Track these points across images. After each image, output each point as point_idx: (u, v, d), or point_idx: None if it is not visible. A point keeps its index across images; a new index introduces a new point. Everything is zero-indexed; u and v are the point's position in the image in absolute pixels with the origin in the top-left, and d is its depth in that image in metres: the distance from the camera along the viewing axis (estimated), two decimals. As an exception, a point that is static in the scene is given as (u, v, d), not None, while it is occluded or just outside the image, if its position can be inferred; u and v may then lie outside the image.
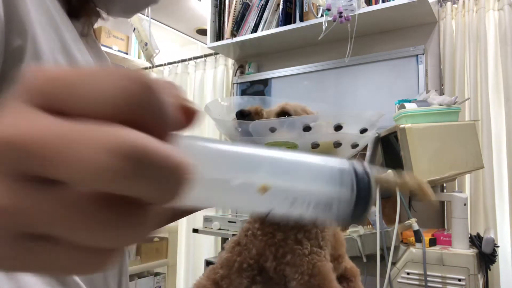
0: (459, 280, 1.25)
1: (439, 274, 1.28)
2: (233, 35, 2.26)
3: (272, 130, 0.58)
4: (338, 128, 0.59)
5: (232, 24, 2.27)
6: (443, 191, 1.67)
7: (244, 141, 0.63)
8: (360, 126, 0.62)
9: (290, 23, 2.06)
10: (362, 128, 0.62)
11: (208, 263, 2.15)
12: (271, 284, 0.67)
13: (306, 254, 0.62)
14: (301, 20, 2.00)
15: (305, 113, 0.67)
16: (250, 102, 0.75)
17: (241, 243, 0.67)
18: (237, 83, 2.47)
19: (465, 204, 1.37)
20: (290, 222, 0.65)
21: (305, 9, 2.00)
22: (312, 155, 0.23)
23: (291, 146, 0.60)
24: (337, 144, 0.60)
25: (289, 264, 0.62)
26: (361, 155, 1.74)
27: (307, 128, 0.58)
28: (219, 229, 2.08)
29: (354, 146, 0.63)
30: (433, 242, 1.38)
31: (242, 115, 0.61)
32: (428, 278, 1.27)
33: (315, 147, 0.60)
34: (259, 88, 2.38)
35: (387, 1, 1.77)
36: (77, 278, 0.43)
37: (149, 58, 2.28)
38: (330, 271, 0.62)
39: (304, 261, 0.61)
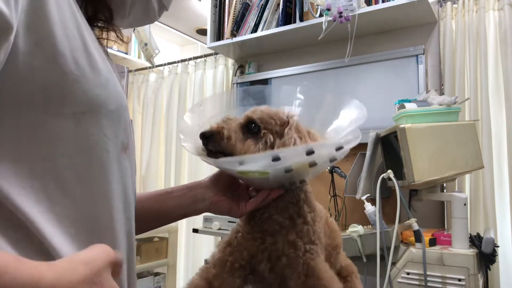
0: (459, 280, 1.25)
1: (439, 274, 1.28)
2: (233, 35, 2.26)
3: (241, 163, 0.57)
4: (309, 153, 0.55)
5: (232, 24, 2.27)
6: (443, 191, 1.67)
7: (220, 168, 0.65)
8: (335, 146, 0.59)
9: (290, 23, 2.06)
10: (338, 146, 0.58)
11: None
12: (264, 284, 0.68)
13: (300, 255, 0.62)
14: (301, 20, 2.00)
15: (272, 120, 0.63)
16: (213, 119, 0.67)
17: (232, 244, 0.68)
18: (237, 83, 2.47)
19: (465, 204, 1.37)
20: (277, 226, 0.65)
21: (305, 9, 2.00)
22: None
23: (264, 173, 0.58)
24: (313, 164, 0.58)
25: (285, 265, 0.63)
26: (361, 155, 1.74)
27: (276, 159, 0.55)
28: (219, 229, 2.08)
29: (332, 160, 0.60)
30: (433, 242, 1.38)
31: (205, 137, 0.61)
32: (428, 278, 1.27)
33: (288, 172, 0.58)
34: (259, 88, 2.37)
35: (387, 1, 1.77)
36: None
37: (148, 58, 2.27)
38: (323, 268, 0.63)
39: (299, 262, 0.62)
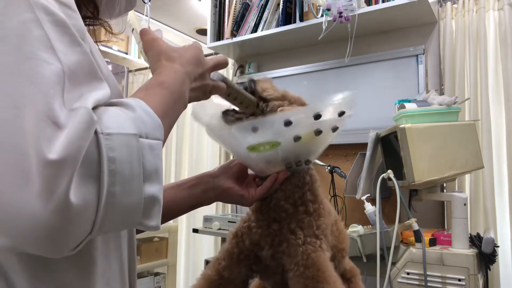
0: (459, 280, 1.25)
1: (439, 274, 1.28)
2: (233, 35, 2.26)
3: (254, 130, 0.59)
4: (317, 117, 0.60)
5: (232, 24, 2.26)
6: (443, 191, 1.67)
7: (231, 144, 0.66)
8: (338, 110, 0.64)
9: (290, 23, 2.06)
10: (340, 111, 0.63)
11: (208, 263, 2.14)
12: (267, 273, 0.70)
13: (300, 244, 0.63)
14: (301, 20, 2.00)
15: (272, 86, 0.70)
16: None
17: (238, 235, 0.71)
18: (237, 83, 2.47)
19: (465, 204, 1.37)
20: (284, 213, 0.66)
21: (305, 9, 2.00)
22: None
23: (275, 145, 0.60)
24: (318, 132, 0.61)
25: (285, 253, 0.64)
26: (361, 155, 1.74)
27: (288, 123, 0.58)
28: (219, 229, 2.08)
29: (334, 129, 0.65)
30: (433, 242, 1.38)
31: (227, 113, 0.68)
32: (428, 278, 1.27)
33: (297, 140, 0.60)
34: (259, 88, 2.37)
35: (387, 1, 1.77)
36: None
37: (146, 58, 2.28)
38: (325, 261, 0.63)
39: (299, 251, 0.63)
